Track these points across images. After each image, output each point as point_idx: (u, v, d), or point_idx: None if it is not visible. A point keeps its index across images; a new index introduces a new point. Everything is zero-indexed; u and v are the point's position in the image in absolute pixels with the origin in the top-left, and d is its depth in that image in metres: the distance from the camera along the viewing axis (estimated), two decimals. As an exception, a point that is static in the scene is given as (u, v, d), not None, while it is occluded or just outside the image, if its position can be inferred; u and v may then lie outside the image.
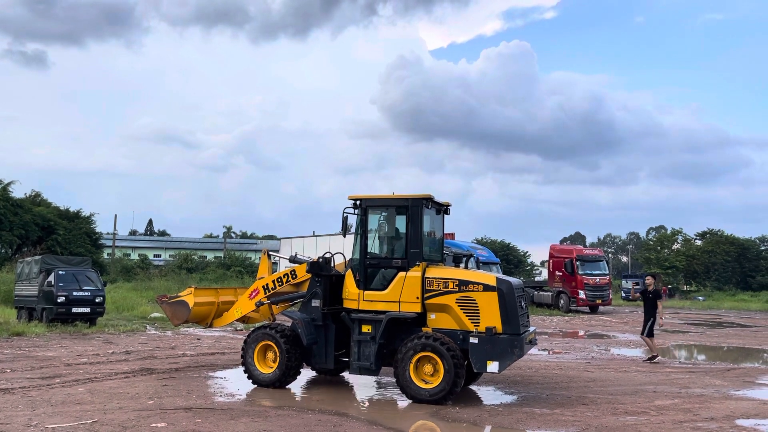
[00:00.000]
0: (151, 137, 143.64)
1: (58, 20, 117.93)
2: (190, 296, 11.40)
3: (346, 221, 10.00)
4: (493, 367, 8.91)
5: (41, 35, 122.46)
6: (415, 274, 9.38)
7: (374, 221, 10.06)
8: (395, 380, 9.33)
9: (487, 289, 9.08)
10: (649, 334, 14.68)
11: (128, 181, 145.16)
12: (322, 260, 10.25)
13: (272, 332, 10.17)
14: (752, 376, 12.77)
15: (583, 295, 32.07)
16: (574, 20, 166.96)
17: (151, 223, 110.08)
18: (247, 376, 10.30)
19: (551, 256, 34.63)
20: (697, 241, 64.19)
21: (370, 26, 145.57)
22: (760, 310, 39.62)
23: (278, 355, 10.05)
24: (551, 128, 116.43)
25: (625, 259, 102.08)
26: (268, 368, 10.19)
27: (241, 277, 44.59)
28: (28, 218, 38.74)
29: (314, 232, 38.57)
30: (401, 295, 9.38)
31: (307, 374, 11.37)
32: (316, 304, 10.05)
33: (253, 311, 11.16)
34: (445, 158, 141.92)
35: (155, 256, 73.26)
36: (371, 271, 9.77)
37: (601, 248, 67.82)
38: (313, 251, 21.57)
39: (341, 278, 10.13)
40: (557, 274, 33.42)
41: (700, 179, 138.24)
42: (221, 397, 9.51)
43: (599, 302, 32.83)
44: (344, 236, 10.07)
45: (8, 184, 39.65)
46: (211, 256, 67.35)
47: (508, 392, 10.35)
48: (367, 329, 9.59)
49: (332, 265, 10.45)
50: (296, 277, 10.68)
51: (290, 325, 10.26)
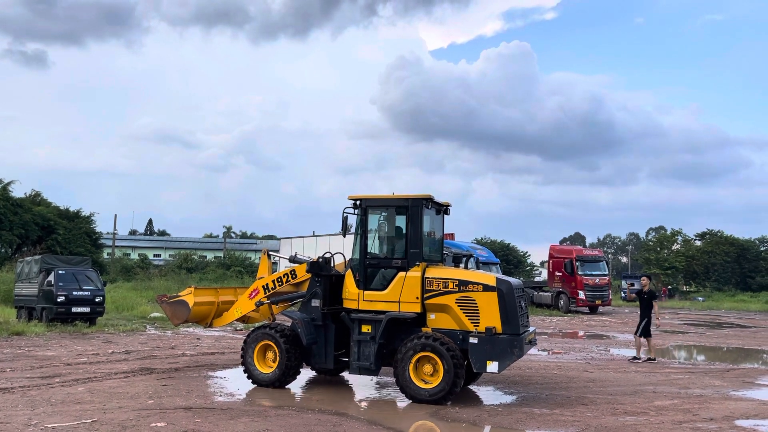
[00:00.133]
0: (151, 137, 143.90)
1: (58, 20, 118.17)
2: (189, 296, 11.40)
3: (346, 221, 10.00)
4: (492, 367, 8.92)
5: (41, 35, 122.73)
6: (414, 274, 9.38)
7: (374, 221, 10.06)
8: (395, 380, 9.34)
9: (486, 289, 9.08)
10: (646, 334, 14.69)
11: (128, 181, 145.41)
12: (321, 260, 10.25)
13: (272, 332, 10.17)
14: (752, 376, 12.77)
15: (582, 295, 32.08)
16: (574, 21, 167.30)
17: (151, 222, 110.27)
18: (246, 375, 10.30)
19: (551, 256, 34.65)
20: (696, 241, 64.24)
21: (370, 26, 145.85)
22: (759, 310, 39.61)
23: (278, 354, 10.05)
24: (551, 129, 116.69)
25: (624, 259, 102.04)
26: (267, 368, 10.19)
27: (240, 277, 44.63)
28: (28, 218, 38.74)
29: (314, 232, 38.68)
30: (401, 295, 9.38)
31: (306, 374, 11.37)
32: (315, 304, 10.05)
33: (252, 311, 11.16)
34: (445, 158, 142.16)
35: (155, 255, 73.34)
36: (371, 271, 9.77)
37: (600, 249, 67.80)
38: (313, 251, 21.57)
39: (341, 278, 10.13)
40: (557, 274, 33.43)
41: (699, 180, 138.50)
42: (221, 396, 9.51)
43: (599, 303, 32.83)
44: (344, 236, 10.07)
45: (8, 183, 39.74)
46: (210, 256, 67.33)
47: (507, 392, 10.35)
48: (366, 329, 9.59)
49: (332, 265, 10.45)
50: (296, 277, 10.68)
51: (290, 324, 10.26)
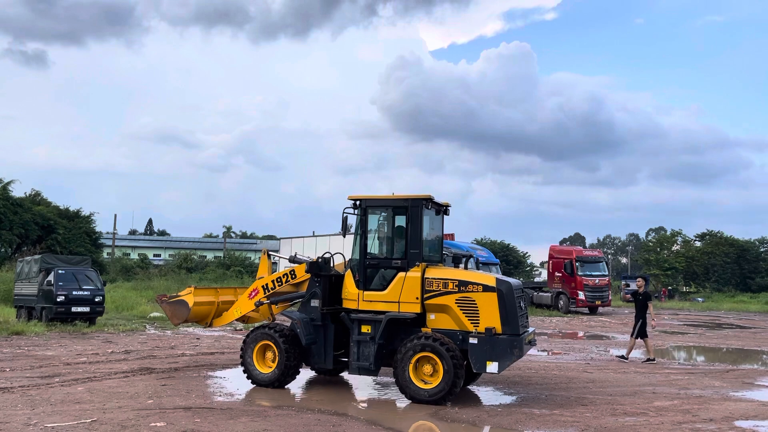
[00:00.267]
0: (151, 137, 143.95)
1: (58, 20, 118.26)
2: (189, 296, 11.41)
3: (345, 221, 10.00)
4: (492, 367, 8.92)
5: (41, 35, 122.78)
6: (414, 274, 9.38)
7: (374, 221, 10.05)
8: (395, 380, 9.33)
9: (486, 289, 9.08)
10: (642, 335, 14.68)
11: (128, 180, 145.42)
12: (321, 260, 10.25)
13: (271, 332, 10.16)
14: (751, 377, 12.77)
15: (582, 296, 32.07)
16: (574, 21, 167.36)
17: (150, 222, 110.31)
18: (246, 375, 10.30)
19: (551, 256, 34.64)
20: (696, 242, 64.28)
21: (370, 27, 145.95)
22: (759, 311, 39.62)
23: (277, 354, 10.04)
24: (551, 129, 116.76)
25: (624, 260, 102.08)
26: (267, 368, 10.18)
27: (240, 277, 44.64)
28: (27, 217, 38.74)
29: (314, 232, 38.67)
30: (401, 295, 9.37)
31: (306, 374, 11.36)
32: (315, 304, 10.05)
33: (252, 311, 11.17)
34: (444, 159, 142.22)
35: (155, 255, 73.35)
36: (371, 271, 9.76)
37: (600, 249, 67.85)
38: (312, 251, 21.59)
39: (341, 278, 10.13)
40: (557, 274, 33.42)
41: (699, 180, 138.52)
42: (220, 396, 9.50)
43: (598, 303, 32.81)
44: (344, 236, 10.06)
45: (8, 183, 39.74)
46: (210, 255, 67.29)
47: (507, 393, 10.35)
48: (366, 329, 9.58)
49: (332, 265, 10.45)
50: (296, 277, 10.68)
51: (289, 325, 10.25)
